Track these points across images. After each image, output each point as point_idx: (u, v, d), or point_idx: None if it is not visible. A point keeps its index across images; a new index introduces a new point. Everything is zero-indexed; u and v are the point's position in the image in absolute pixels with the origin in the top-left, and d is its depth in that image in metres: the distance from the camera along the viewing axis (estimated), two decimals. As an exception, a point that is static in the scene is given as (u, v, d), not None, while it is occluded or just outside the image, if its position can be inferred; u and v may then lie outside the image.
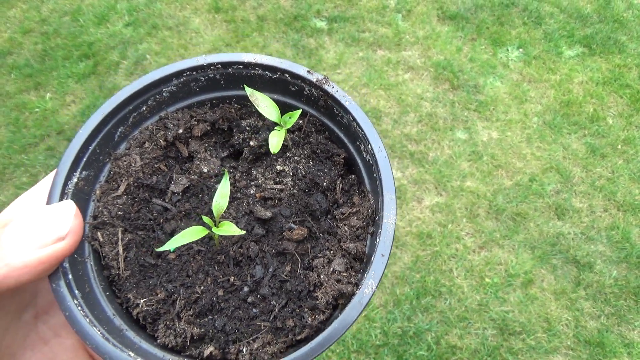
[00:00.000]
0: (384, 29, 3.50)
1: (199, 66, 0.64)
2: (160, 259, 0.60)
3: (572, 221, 2.70)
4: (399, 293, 2.41)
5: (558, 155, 2.95)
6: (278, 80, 0.65)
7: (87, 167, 0.58)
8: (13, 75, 3.15)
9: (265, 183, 0.64)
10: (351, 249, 0.59)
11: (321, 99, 0.65)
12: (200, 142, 0.67)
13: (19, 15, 3.48)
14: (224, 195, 0.58)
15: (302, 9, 3.56)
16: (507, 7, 3.70)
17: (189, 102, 0.67)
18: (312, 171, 0.64)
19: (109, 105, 0.59)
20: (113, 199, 0.60)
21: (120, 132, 0.63)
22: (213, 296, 0.57)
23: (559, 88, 3.27)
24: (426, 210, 2.68)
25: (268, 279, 0.58)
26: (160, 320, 0.56)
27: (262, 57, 0.63)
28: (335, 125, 0.67)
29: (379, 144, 0.60)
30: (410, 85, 3.21)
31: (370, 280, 0.53)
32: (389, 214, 0.56)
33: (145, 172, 0.63)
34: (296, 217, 0.62)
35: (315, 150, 0.66)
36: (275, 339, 0.56)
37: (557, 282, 2.50)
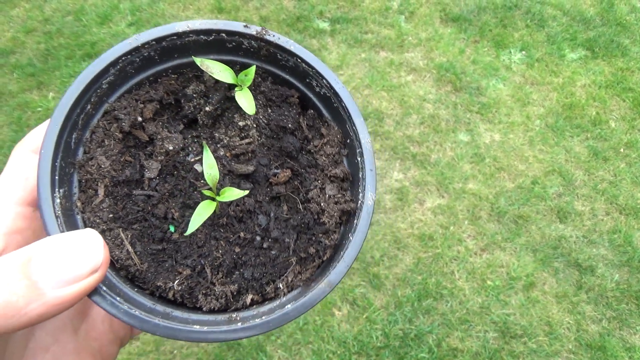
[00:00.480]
0: (386, 31, 3.50)
1: (134, 49, 0.62)
2: (165, 242, 0.60)
3: (574, 224, 2.70)
4: (400, 295, 2.40)
5: (560, 158, 2.94)
6: (214, 41, 0.65)
7: (62, 184, 0.57)
8: (16, 75, 3.15)
9: (231, 141, 0.65)
10: (338, 174, 0.64)
11: (263, 49, 0.66)
12: (154, 123, 0.66)
13: (22, 15, 3.49)
14: (211, 166, 0.59)
15: (305, 10, 3.56)
16: (510, 10, 3.70)
17: (128, 86, 0.66)
18: (273, 117, 0.67)
19: (60, 115, 0.57)
20: (97, 205, 0.60)
21: (74, 139, 0.61)
22: (232, 255, 0.60)
23: (561, 91, 3.27)
24: (428, 212, 2.68)
25: (273, 223, 0.62)
26: (196, 292, 0.58)
27: (196, 23, 0.63)
28: (279, 69, 0.69)
29: (333, 77, 0.64)
30: (412, 86, 3.21)
31: (369, 193, 0.59)
32: (364, 135, 0.62)
33: (116, 169, 0.62)
34: (275, 162, 0.65)
35: (270, 98, 0.68)
36: (304, 267, 0.61)
37: (558, 285, 2.50)
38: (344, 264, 0.57)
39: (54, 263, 0.43)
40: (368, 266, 2.47)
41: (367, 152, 0.62)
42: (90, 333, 0.60)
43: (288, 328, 2.27)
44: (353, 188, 0.65)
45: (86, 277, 0.44)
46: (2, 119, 2.94)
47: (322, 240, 0.62)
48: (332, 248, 0.62)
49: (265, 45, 0.65)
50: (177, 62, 0.66)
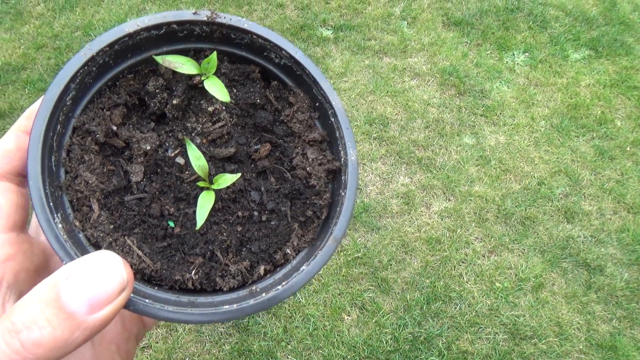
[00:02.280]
0: (389, 37, 3.53)
1: (89, 59, 0.61)
2: (169, 238, 0.62)
3: (582, 224, 2.70)
4: (409, 298, 2.42)
5: (566, 158, 2.95)
6: (165, 34, 0.65)
7: (56, 209, 0.57)
8: (27, 90, 3.22)
9: (205, 128, 0.66)
10: (316, 137, 0.66)
11: (215, 32, 0.67)
12: (125, 127, 0.66)
13: (32, 32, 3.57)
14: (198, 157, 0.61)
15: (308, 19, 3.60)
16: (512, 12, 3.72)
17: (89, 97, 0.64)
18: (240, 96, 0.68)
19: (36, 142, 0.56)
20: (96, 220, 0.60)
21: (54, 161, 0.60)
22: (236, 234, 0.62)
23: (565, 91, 3.27)
24: (435, 216, 2.70)
25: (266, 196, 0.65)
26: (213, 276, 0.61)
27: (145, 19, 0.62)
28: (234, 47, 0.69)
29: (292, 47, 0.66)
30: (416, 91, 3.23)
31: (350, 150, 0.62)
32: (333, 97, 0.64)
33: (103, 181, 0.62)
34: (253, 139, 0.68)
35: (232, 78, 0.69)
36: (305, 229, 0.64)
37: (567, 285, 2.50)
38: (344, 219, 0.60)
39: (82, 291, 0.44)
40: (376, 270, 2.49)
41: (340, 112, 0.64)
42: (105, 337, 0.62)
43: (298, 334, 2.29)
44: (332, 148, 0.67)
45: (117, 296, 0.46)
46: (14, 134, 3.01)
47: (316, 201, 0.64)
48: (327, 207, 0.65)
49: (218, 28, 0.66)
50: (131, 61, 0.66)
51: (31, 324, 0.42)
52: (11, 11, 3.69)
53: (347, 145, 0.63)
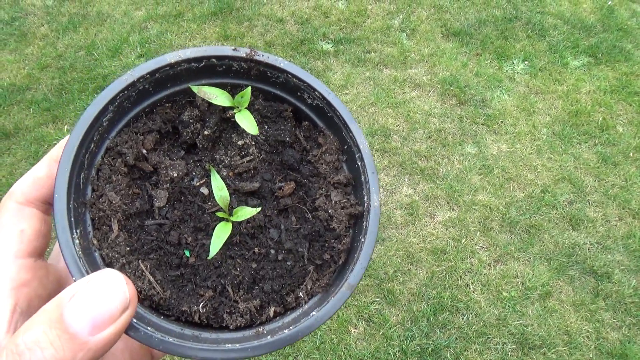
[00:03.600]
0: (389, 49, 3.56)
1: (129, 85, 0.63)
2: (182, 267, 0.62)
3: (587, 231, 2.68)
4: (415, 310, 2.41)
5: (569, 165, 2.95)
6: (205, 67, 0.67)
7: (77, 225, 0.58)
8: (32, 110, 3.26)
9: (233, 161, 0.67)
10: (341, 180, 0.66)
11: (253, 69, 0.68)
12: (156, 152, 0.68)
13: (36, 52, 3.62)
14: (221, 188, 0.62)
15: (308, 33, 3.64)
16: (510, 21, 3.74)
17: (125, 120, 0.67)
18: (270, 133, 0.68)
19: (68, 158, 0.58)
20: (114, 240, 0.61)
21: (82, 178, 0.62)
22: (250, 271, 0.62)
23: (566, 98, 3.28)
24: (439, 226, 2.69)
25: (285, 235, 0.64)
26: (220, 312, 0.60)
27: (187, 51, 0.65)
28: (270, 86, 0.70)
29: (324, 88, 0.65)
30: (417, 102, 3.25)
31: (374, 195, 0.61)
32: (361, 140, 0.64)
33: (126, 203, 0.63)
34: (278, 176, 0.67)
35: (265, 114, 0.69)
36: (321, 273, 0.63)
37: (575, 293, 2.48)
38: (360, 266, 0.59)
39: (85, 311, 0.44)
40: (382, 282, 2.48)
41: (367, 155, 0.64)
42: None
43: (305, 348, 2.28)
44: (356, 192, 0.66)
45: (119, 316, 0.46)
46: (20, 153, 3.04)
47: (335, 245, 0.64)
48: (345, 252, 0.64)
49: (256, 65, 0.67)
50: (170, 91, 0.68)
51: (34, 346, 0.42)
52: (15, 32, 3.74)
53: (372, 190, 0.62)
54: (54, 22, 3.81)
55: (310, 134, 0.71)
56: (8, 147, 3.07)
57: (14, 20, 3.84)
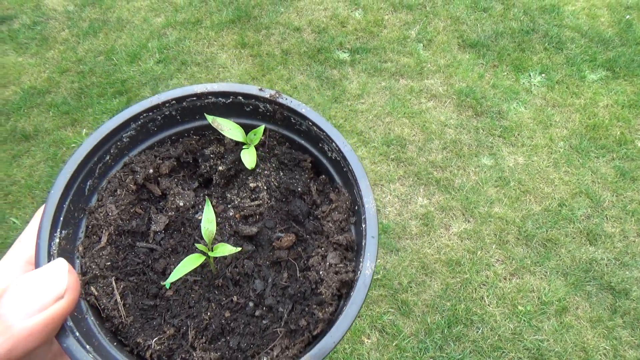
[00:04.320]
0: (405, 59, 3.56)
1: (154, 106, 0.65)
2: (158, 298, 0.59)
3: (605, 246, 2.65)
4: (430, 322, 2.39)
5: (587, 179, 2.92)
6: (232, 104, 0.67)
7: (66, 225, 0.58)
8: (51, 113, 3.30)
9: (242, 203, 0.65)
10: (341, 241, 0.61)
11: (277, 112, 0.67)
12: (170, 179, 0.68)
13: (57, 56, 3.67)
14: (210, 221, 0.59)
15: (325, 42, 3.66)
16: (527, 34, 3.74)
17: (149, 142, 0.68)
18: (284, 180, 0.66)
19: (74, 162, 0.60)
20: (98, 251, 0.60)
21: (89, 186, 0.63)
22: (221, 319, 0.57)
23: (584, 112, 3.26)
24: (454, 237, 2.67)
25: (270, 290, 0.59)
26: (175, 355, 0.56)
27: (214, 85, 0.66)
28: (294, 134, 0.69)
29: (341, 140, 0.62)
30: (433, 112, 3.25)
31: (368, 262, 0.55)
32: (368, 199, 0.59)
33: (124, 219, 0.63)
34: (281, 226, 0.64)
35: (283, 161, 0.68)
36: (292, 341, 0.57)
37: (592, 309, 2.45)
38: (331, 340, 0.51)
39: (21, 296, 0.43)
40: (396, 293, 2.47)
41: (371, 217, 0.58)
42: None
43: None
44: (357, 257, 0.60)
45: (51, 304, 0.44)
46: (39, 155, 3.08)
47: (316, 312, 0.57)
48: (324, 322, 0.57)
49: (279, 109, 0.66)
50: (198, 123, 0.68)
51: None
52: (37, 37, 3.80)
53: (367, 256, 0.56)
54: (75, 27, 3.87)
55: (324, 188, 0.68)
56: (27, 149, 3.11)
57: (35, 24, 3.90)
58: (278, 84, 3.41)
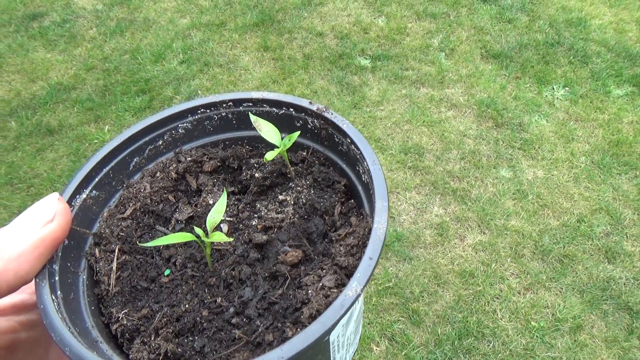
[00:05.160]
0: (427, 67, 3.55)
1: (212, 103, 0.66)
2: (154, 283, 0.59)
3: (624, 265, 2.59)
4: (440, 332, 2.36)
5: (608, 196, 2.86)
6: (284, 116, 0.67)
7: (99, 187, 0.60)
8: (76, 109, 3.38)
9: (267, 214, 0.65)
10: (342, 262, 0.56)
11: (322, 129, 0.66)
12: (210, 177, 0.68)
13: (84, 54, 3.76)
14: (219, 211, 0.58)
15: (347, 48, 3.67)
16: (552, 46, 3.69)
17: (203, 141, 0.70)
18: (313, 199, 0.65)
19: (126, 134, 0.62)
20: (118, 220, 0.62)
21: (135, 162, 0.65)
22: (197, 316, 0.55)
23: (607, 127, 3.20)
24: (469, 249, 2.65)
25: (256, 301, 0.56)
26: (137, 336, 0.54)
27: (269, 94, 0.66)
28: (337, 156, 0.68)
29: (373, 158, 0.59)
30: (453, 122, 3.23)
31: (355, 283, 0.48)
32: (380, 219, 0.54)
33: (153, 200, 0.64)
34: (293, 241, 0.62)
35: (317, 179, 0.67)
36: (251, 355, 0.53)
37: (608, 329, 2.39)
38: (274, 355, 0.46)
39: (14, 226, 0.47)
40: (407, 301, 2.45)
41: (375, 238, 0.52)
42: None
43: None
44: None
45: (41, 227, 0.47)
46: (62, 150, 3.15)
47: (287, 331, 0.53)
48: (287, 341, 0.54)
49: (324, 124, 0.66)
50: (253, 133, 0.68)
51: None
52: (66, 34, 3.90)
53: (357, 276, 0.49)
54: (103, 26, 3.96)
55: (349, 212, 0.64)
56: (51, 143, 3.19)
57: (65, 22, 4.01)
58: (298, 87, 3.43)
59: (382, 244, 0.51)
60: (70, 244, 0.58)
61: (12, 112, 3.38)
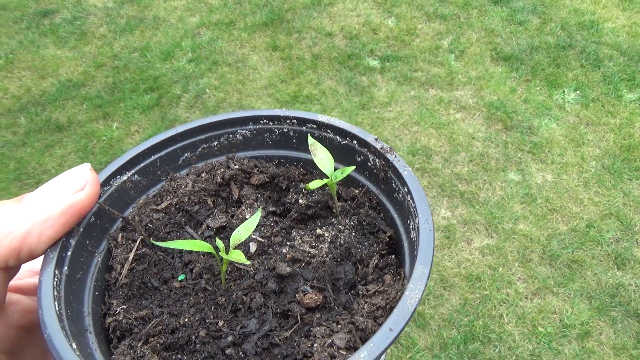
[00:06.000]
0: (436, 69, 3.53)
1: (275, 117, 0.64)
2: (165, 285, 0.57)
3: (634, 272, 2.56)
4: (445, 336, 2.34)
5: (618, 201, 2.82)
6: (346, 147, 0.64)
7: (142, 173, 0.60)
8: (85, 106, 3.39)
9: (300, 245, 0.60)
10: (360, 323, 0.50)
11: (382, 170, 0.62)
12: (254, 191, 0.65)
13: (94, 51, 3.78)
14: (247, 229, 0.55)
15: (355, 48, 3.66)
16: (563, 49, 3.66)
17: (258, 153, 0.67)
18: (351, 242, 0.59)
19: (182, 128, 0.62)
20: (151, 210, 0.61)
21: (185, 157, 0.64)
22: (193, 333, 0.51)
23: (618, 132, 3.16)
24: (476, 252, 2.62)
25: (259, 337, 0.51)
26: (127, 338, 0.52)
27: (336, 120, 0.63)
28: (391, 203, 0.62)
29: (427, 216, 0.53)
30: (461, 124, 3.20)
31: (364, 353, 0.42)
32: (415, 287, 0.47)
33: (192, 199, 0.62)
34: (316, 283, 0.56)
35: (362, 222, 0.61)
36: None
37: (616, 336, 2.36)
38: None
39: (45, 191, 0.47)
40: (413, 304, 2.43)
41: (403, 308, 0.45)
42: None
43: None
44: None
45: (71, 194, 0.48)
46: (70, 146, 3.16)
47: None
48: None
49: (384, 165, 0.61)
50: (311, 157, 0.63)
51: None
52: (76, 31, 3.92)
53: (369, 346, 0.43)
54: (113, 24, 3.98)
55: (386, 268, 0.58)
56: (60, 140, 3.20)
57: (75, 19, 4.03)
58: (307, 87, 3.42)
59: (409, 316, 0.45)
60: (96, 223, 0.57)
61: (22, 108, 3.40)
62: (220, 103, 3.34)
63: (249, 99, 3.37)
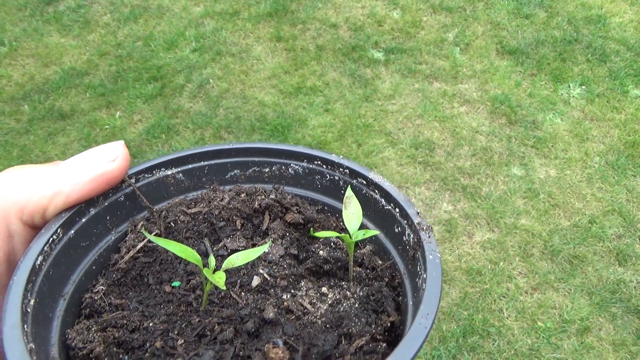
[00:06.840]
0: (441, 62, 3.51)
1: (331, 161, 0.63)
2: (158, 285, 0.55)
3: (635, 268, 2.55)
4: (445, 329, 2.35)
5: (621, 197, 2.81)
6: (388, 213, 0.60)
7: (188, 174, 0.60)
8: (88, 94, 3.39)
9: (301, 297, 0.56)
10: None
11: (413, 249, 0.56)
12: (285, 228, 0.62)
13: (98, 40, 3.77)
14: (246, 257, 0.52)
15: (360, 40, 3.64)
16: (569, 44, 3.62)
17: (305, 193, 0.66)
18: (347, 313, 0.53)
19: (237, 145, 0.62)
20: (179, 211, 0.61)
21: (235, 174, 0.64)
22: (149, 340, 0.49)
23: (623, 128, 3.14)
24: (477, 246, 2.62)
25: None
26: (92, 319, 0.51)
27: (385, 182, 0.60)
28: (412, 289, 0.56)
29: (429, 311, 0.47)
30: (465, 118, 3.19)
31: None
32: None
33: (221, 214, 0.61)
34: (292, 340, 0.50)
35: (370, 297, 0.56)
36: None
37: (616, 332, 2.36)
38: None
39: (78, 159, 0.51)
40: (413, 297, 2.43)
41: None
42: None
43: None
44: None
45: (103, 164, 0.52)
46: (73, 134, 3.17)
47: None
48: None
49: (416, 243, 0.56)
50: None
51: None
52: (80, 19, 3.91)
53: None
54: (117, 12, 3.96)
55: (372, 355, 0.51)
56: (63, 128, 3.20)
57: (80, 7, 4.02)
58: (310, 79, 3.41)
59: None
60: (124, 204, 0.58)
61: (25, 95, 3.40)
62: (223, 93, 3.34)
63: (252, 90, 3.36)
